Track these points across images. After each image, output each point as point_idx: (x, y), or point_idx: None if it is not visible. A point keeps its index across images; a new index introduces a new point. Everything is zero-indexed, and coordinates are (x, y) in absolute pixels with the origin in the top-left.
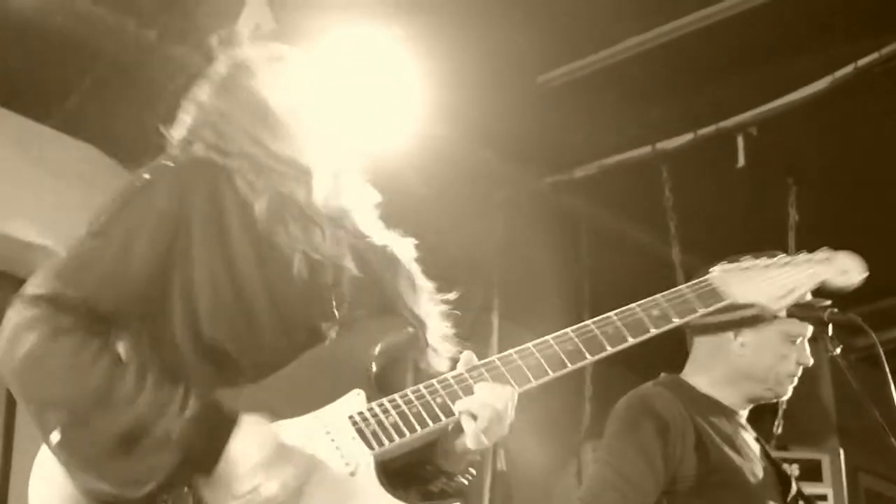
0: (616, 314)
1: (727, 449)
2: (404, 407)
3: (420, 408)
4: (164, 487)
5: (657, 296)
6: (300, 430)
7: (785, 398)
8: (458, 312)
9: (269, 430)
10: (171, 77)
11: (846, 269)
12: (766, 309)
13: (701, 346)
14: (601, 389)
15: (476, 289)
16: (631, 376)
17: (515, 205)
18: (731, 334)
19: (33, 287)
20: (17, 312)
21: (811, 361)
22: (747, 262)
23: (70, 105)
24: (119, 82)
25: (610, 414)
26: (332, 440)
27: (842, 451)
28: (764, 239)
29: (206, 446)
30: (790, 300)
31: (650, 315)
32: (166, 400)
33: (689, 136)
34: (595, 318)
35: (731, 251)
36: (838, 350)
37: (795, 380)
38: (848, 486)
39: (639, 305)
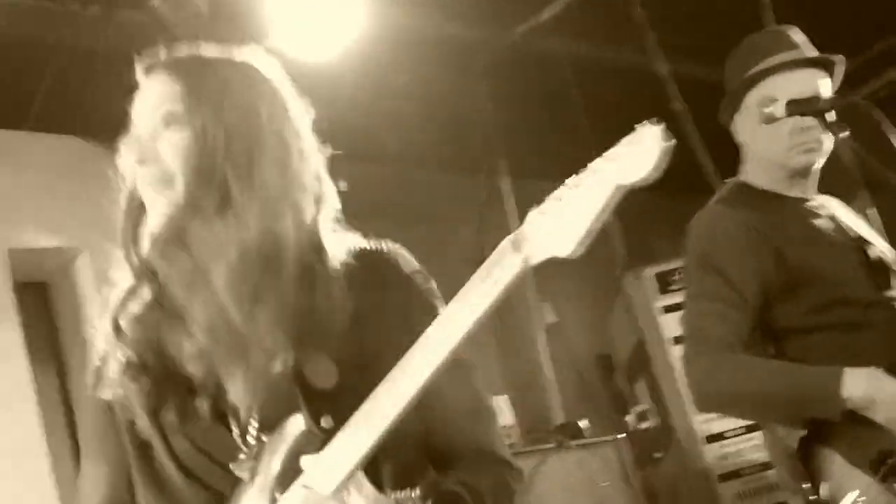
0: None
1: (798, 245)
2: None
3: None
4: None
5: None
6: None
7: (816, 164)
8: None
9: None
10: (129, 40)
11: (641, 154)
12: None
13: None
14: (631, 218)
15: (480, 160)
16: (656, 199)
17: (496, 66)
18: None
19: None
20: None
21: (781, 113)
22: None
23: (39, 102)
24: (80, 66)
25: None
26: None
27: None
28: (742, 24)
29: None
30: (587, 240)
31: None
32: None
33: None
34: None
35: (715, 46)
36: (845, 133)
37: (807, 145)
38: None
39: None
